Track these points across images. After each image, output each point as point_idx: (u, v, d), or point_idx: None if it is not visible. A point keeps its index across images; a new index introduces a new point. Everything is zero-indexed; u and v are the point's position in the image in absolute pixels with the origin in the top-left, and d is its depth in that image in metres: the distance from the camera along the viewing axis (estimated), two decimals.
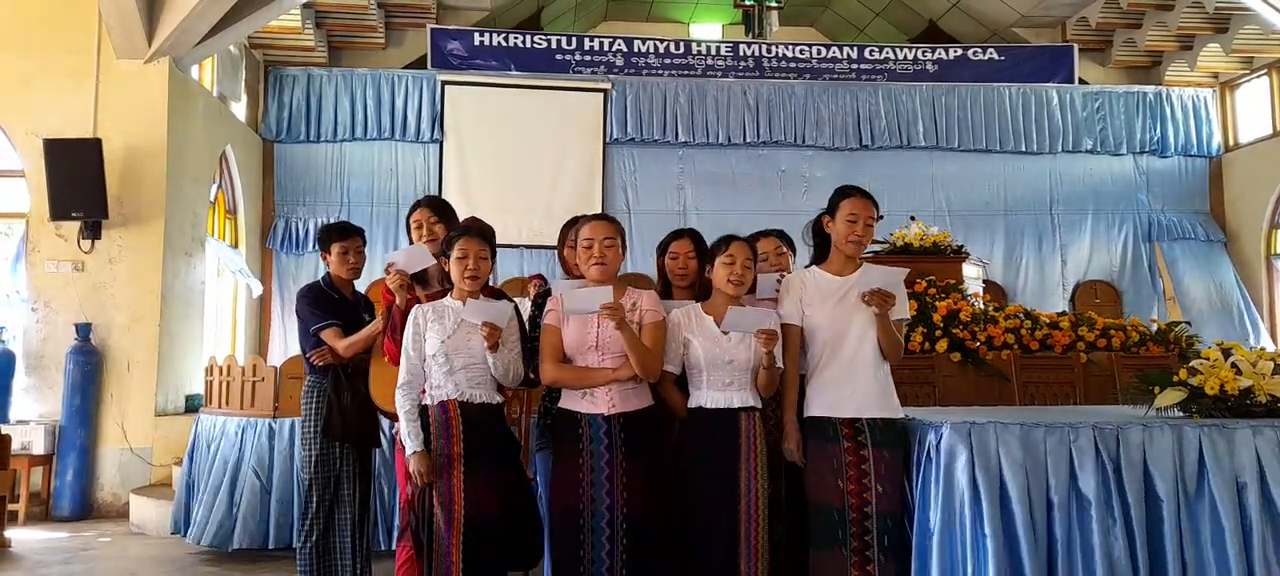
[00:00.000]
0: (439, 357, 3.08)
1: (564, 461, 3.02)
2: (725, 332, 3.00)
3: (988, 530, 2.82)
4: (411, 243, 3.67)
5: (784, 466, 3.11)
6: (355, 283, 4.10)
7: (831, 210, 3.18)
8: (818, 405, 3.04)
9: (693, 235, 3.42)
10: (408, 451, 3.06)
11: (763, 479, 2.96)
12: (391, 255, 3.52)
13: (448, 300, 3.19)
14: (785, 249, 3.60)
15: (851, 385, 3.02)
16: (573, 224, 3.62)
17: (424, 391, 3.13)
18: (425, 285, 3.56)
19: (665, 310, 3.12)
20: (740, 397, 3.00)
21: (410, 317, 3.17)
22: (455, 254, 3.16)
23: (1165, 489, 2.90)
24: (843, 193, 3.18)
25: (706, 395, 3.02)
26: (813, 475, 3.01)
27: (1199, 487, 2.94)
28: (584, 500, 2.94)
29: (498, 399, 3.16)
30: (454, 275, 3.17)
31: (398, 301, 3.42)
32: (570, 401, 3.06)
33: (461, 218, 3.70)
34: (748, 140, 10.02)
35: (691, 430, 3.04)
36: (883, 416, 3.03)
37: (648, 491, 2.96)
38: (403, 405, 3.09)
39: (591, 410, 3.00)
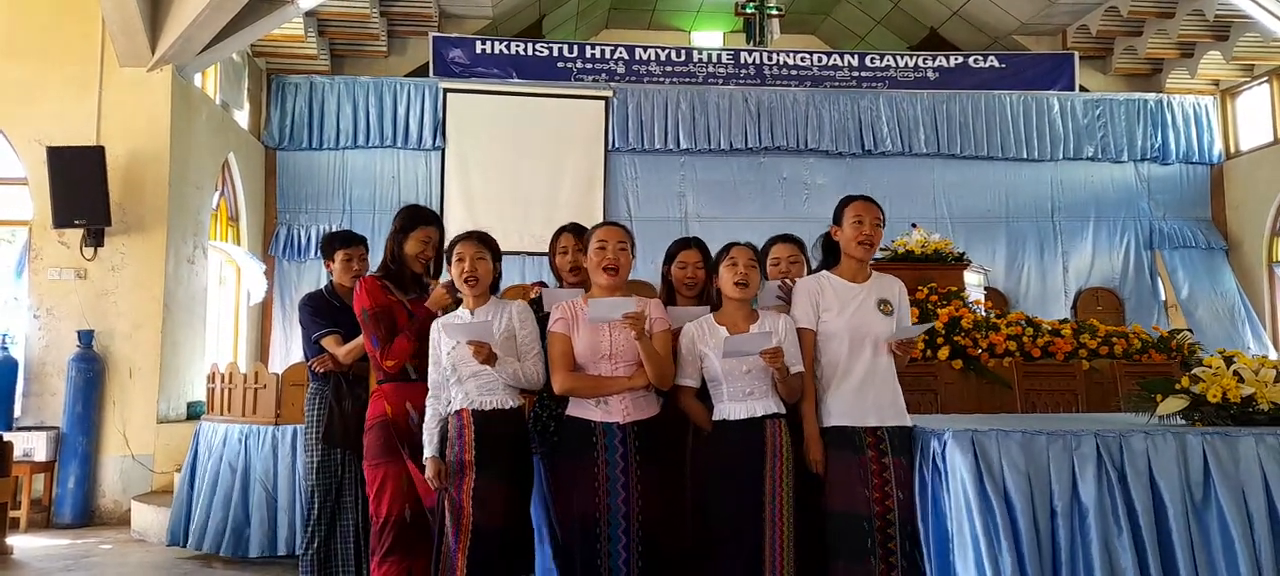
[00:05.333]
0: (448, 370, 3.11)
1: (578, 468, 3.01)
2: (742, 354, 2.96)
3: (990, 536, 2.80)
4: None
5: (803, 474, 3.10)
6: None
7: (837, 219, 3.21)
8: (840, 414, 3.01)
9: (700, 245, 3.48)
10: (423, 456, 3.13)
11: (789, 487, 2.94)
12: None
13: (460, 310, 3.22)
14: (800, 256, 3.62)
15: (872, 393, 3.02)
16: (563, 231, 3.66)
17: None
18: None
19: (674, 320, 3.14)
20: (763, 405, 2.97)
21: (432, 330, 3.22)
22: (454, 258, 3.18)
23: (1171, 497, 2.87)
24: (847, 199, 3.23)
25: (729, 407, 2.99)
26: (839, 486, 2.96)
27: (1206, 496, 2.91)
28: (600, 507, 2.94)
29: (512, 403, 3.13)
30: (455, 281, 3.19)
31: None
32: (582, 409, 3.05)
33: (464, 224, 3.70)
34: (749, 147, 10.03)
35: (718, 443, 3.01)
36: (899, 425, 3.04)
37: (663, 498, 2.98)
38: (427, 412, 3.17)
39: (606, 418, 3.00)
